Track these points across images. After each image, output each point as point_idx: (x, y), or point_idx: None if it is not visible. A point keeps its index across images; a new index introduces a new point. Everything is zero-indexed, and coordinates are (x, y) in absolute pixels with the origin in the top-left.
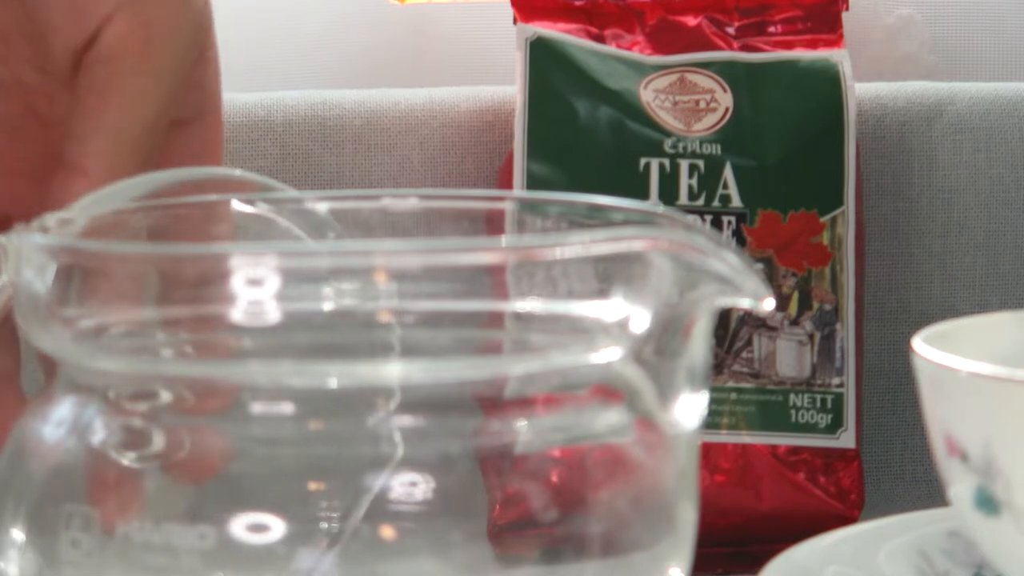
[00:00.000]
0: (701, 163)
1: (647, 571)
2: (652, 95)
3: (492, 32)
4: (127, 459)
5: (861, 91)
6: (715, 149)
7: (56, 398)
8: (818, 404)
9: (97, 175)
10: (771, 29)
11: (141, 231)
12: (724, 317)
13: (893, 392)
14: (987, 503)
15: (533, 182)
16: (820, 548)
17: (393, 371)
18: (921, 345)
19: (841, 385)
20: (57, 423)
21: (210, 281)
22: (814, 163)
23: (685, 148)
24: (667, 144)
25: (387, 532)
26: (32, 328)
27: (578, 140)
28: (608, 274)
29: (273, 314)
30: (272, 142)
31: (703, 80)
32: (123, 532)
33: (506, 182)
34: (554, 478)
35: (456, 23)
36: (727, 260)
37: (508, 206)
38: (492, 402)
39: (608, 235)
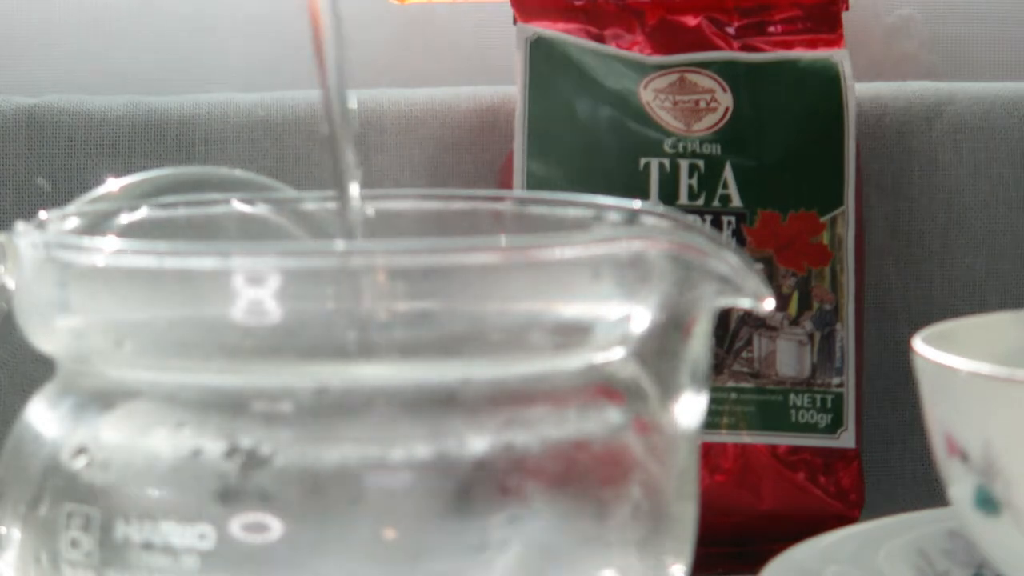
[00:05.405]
0: (701, 163)
1: (647, 571)
2: (652, 95)
3: (492, 32)
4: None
5: (861, 91)
6: (715, 149)
7: (56, 398)
8: (818, 404)
9: None
10: (771, 29)
11: (141, 230)
12: (724, 317)
13: (893, 392)
14: (987, 503)
15: (533, 182)
16: (820, 548)
17: (392, 371)
18: (921, 345)
19: (841, 385)
20: (57, 423)
21: (210, 281)
22: (814, 163)
23: (685, 148)
24: (667, 144)
25: (387, 533)
26: (32, 328)
27: (578, 140)
28: (608, 274)
29: (273, 314)
30: (272, 142)
31: (703, 80)
32: (123, 532)
33: (506, 182)
34: (554, 478)
35: (456, 23)
36: (727, 260)
37: (508, 206)
38: (492, 402)
39: (608, 235)
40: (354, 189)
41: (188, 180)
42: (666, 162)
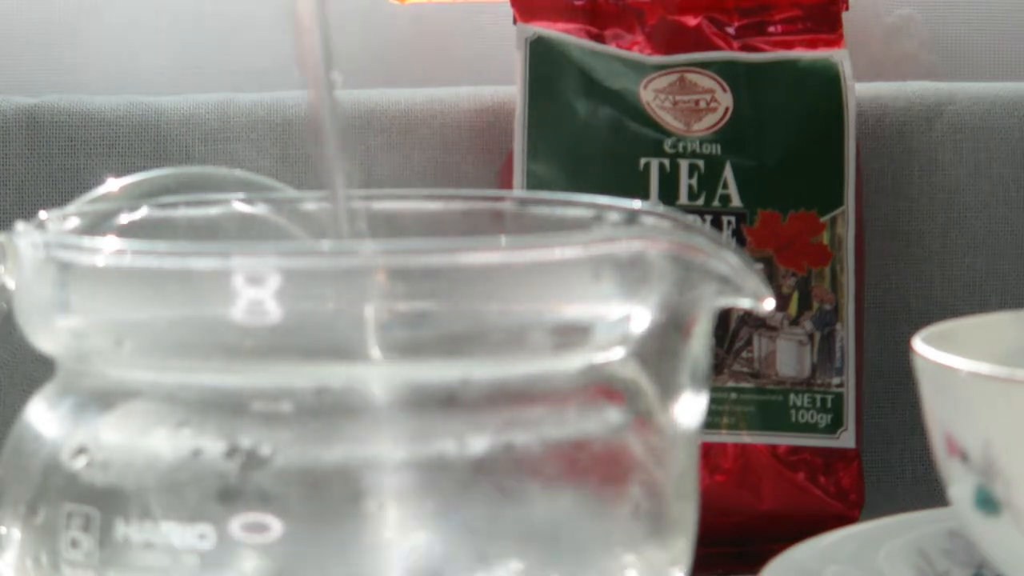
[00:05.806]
0: (701, 163)
1: (648, 571)
2: (652, 95)
3: (492, 32)
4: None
5: (861, 91)
6: (715, 149)
7: (56, 398)
8: (818, 404)
9: None
10: (771, 29)
11: (141, 230)
12: (724, 317)
13: (893, 392)
14: (987, 503)
15: (533, 182)
16: (820, 548)
17: (392, 371)
18: (921, 345)
19: (841, 385)
20: (57, 423)
21: (210, 281)
22: (814, 163)
23: (685, 148)
24: (667, 144)
25: (387, 533)
26: (32, 328)
27: (578, 140)
28: (608, 274)
29: (273, 314)
30: (272, 142)
31: (703, 80)
32: (123, 532)
33: (506, 182)
34: (554, 478)
35: (456, 23)
36: (727, 260)
37: (508, 206)
38: (492, 402)
39: (608, 235)
40: (346, 189)
41: (188, 180)
42: (666, 162)
